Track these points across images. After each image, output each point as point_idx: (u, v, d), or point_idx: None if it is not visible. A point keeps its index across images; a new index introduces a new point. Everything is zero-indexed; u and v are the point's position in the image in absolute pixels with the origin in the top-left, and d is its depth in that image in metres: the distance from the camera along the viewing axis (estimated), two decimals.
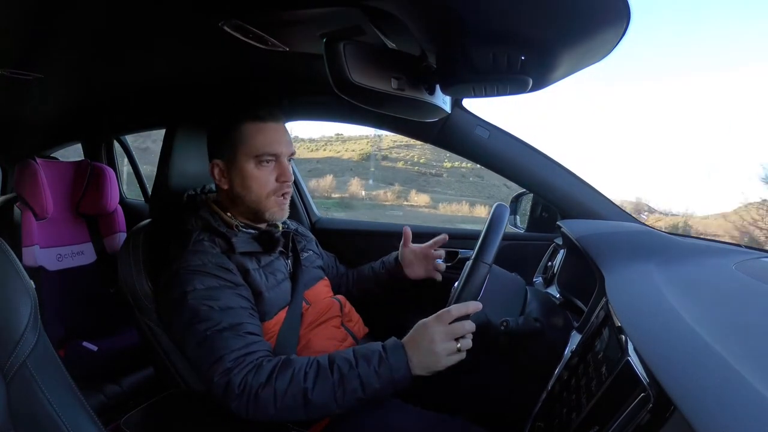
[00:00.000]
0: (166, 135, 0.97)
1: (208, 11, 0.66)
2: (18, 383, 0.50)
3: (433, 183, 2.76)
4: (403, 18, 0.58)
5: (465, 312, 0.70)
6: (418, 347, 0.70)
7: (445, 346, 0.69)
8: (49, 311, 1.50)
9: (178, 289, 0.75)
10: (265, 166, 0.83)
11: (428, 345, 0.69)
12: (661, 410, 0.35)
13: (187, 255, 0.78)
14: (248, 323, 0.75)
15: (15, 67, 0.91)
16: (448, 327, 0.69)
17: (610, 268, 0.70)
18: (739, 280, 0.66)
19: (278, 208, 0.86)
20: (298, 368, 0.70)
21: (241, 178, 0.83)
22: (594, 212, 1.09)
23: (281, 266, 0.89)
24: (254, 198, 0.84)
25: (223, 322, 0.72)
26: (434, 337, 0.69)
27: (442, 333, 0.69)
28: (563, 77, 0.62)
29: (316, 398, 0.68)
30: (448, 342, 0.69)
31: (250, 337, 0.74)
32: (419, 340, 0.70)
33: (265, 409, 0.68)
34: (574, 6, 0.47)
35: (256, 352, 0.72)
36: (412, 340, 0.71)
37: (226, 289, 0.76)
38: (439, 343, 0.69)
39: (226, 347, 0.70)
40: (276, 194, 0.85)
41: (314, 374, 0.69)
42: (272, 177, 0.84)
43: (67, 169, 1.73)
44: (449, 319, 0.70)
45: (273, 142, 0.83)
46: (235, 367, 0.69)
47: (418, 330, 0.71)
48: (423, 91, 0.67)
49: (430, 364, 0.69)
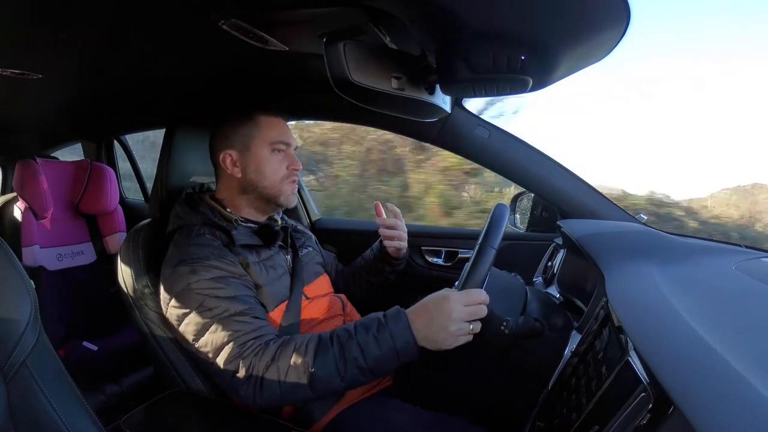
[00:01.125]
0: (166, 135, 0.97)
1: (208, 11, 0.66)
2: (18, 383, 0.50)
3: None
4: (404, 18, 0.58)
5: (486, 300, 0.68)
6: (431, 319, 0.67)
7: (461, 326, 0.66)
8: (49, 311, 1.50)
9: (183, 281, 0.75)
10: (278, 154, 0.88)
11: (444, 321, 0.65)
12: (661, 410, 0.35)
13: (189, 248, 0.79)
14: (254, 309, 0.76)
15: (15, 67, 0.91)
16: (470, 308, 0.66)
17: (610, 268, 0.70)
18: (739, 280, 0.66)
19: (291, 191, 0.91)
20: (299, 343, 0.70)
21: (256, 165, 0.87)
22: (594, 212, 1.09)
23: (281, 261, 0.89)
24: (268, 183, 0.88)
25: (230, 309, 0.73)
26: (453, 314, 0.65)
27: (464, 312, 0.66)
28: (563, 77, 0.62)
29: (319, 371, 0.67)
30: (464, 323, 0.66)
31: (257, 321, 0.74)
32: (434, 313, 0.67)
33: (271, 391, 0.68)
34: (574, 6, 0.47)
35: (263, 336, 0.73)
36: (425, 309, 0.68)
37: (230, 279, 0.77)
38: (455, 322, 0.65)
39: (234, 333, 0.71)
40: (288, 179, 0.89)
41: (314, 347, 0.69)
42: (284, 164, 0.89)
43: (67, 168, 1.73)
44: (475, 300, 0.67)
45: (284, 132, 0.90)
46: (243, 352, 0.70)
47: (436, 301, 0.68)
48: (423, 91, 0.67)
49: (439, 341, 0.66)
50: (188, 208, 0.87)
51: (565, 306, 0.89)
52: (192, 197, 0.90)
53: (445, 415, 0.80)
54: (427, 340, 0.67)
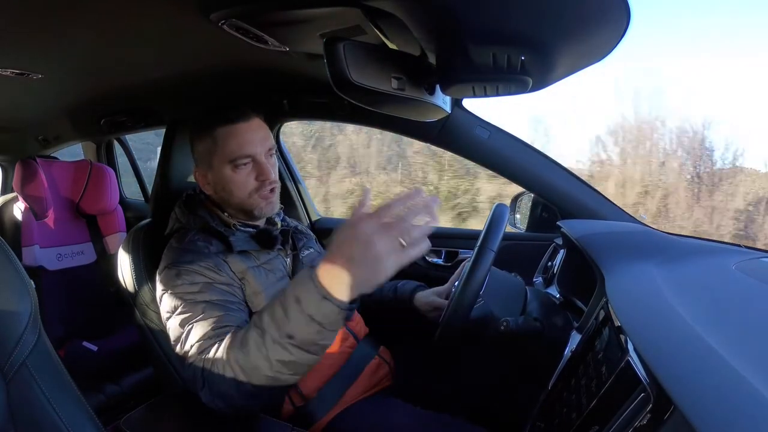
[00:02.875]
0: (166, 135, 0.97)
1: (208, 11, 0.66)
2: (18, 383, 0.50)
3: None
4: (403, 18, 0.58)
5: (395, 209, 0.56)
6: (351, 255, 0.55)
7: (387, 242, 0.54)
8: (49, 311, 1.50)
9: (167, 284, 0.75)
10: (243, 169, 0.81)
11: (363, 246, 0.54)
12: (661, 410, 0.35)
13: (180, 252, 0.78)
14: (229, 316, 0.72)
15: (15, 67, 0.91)
16: (384, 222, 0.55)
17: (610, 268, 0.70)
18: (739, 280, 0.66)
19: (265, 203, 0.84)
20: (230, 337, 0.66)
21: (221, 184, 0.82)
22: (594, 212, 1.09)
23: (280, 264, 0.89)
24: (237, 201, 0.83)
25: (204, 315, 0.70)
26: (371, 236, 0.54)
27: (377, 227, 0.54)
28: (563, 77, 0.62)
29: (245, 362, 0.62)
30: (388, 237, 0.54)
31: (223, 329, 0.69)
32: (348, 247, 0.55)
33: (225, 392, 0.64)
34: (574, 6, 0.47)
35: (219, 336, 0.67)
36: (336, 250, 0.57)
37: (213, 285, 0.75)
38: (378, 243, 0.54)
39: (200, 338, 0.68)
40: (259, 192, 0.83)
41: (241, 336, 0.63)
42: (251, 177, 0.82)
43: (67, 169, 1.73)
44: (386, 213, 0.56)
45: (245, 143, 0.80)
46: (198, 354, 0.66)
47: (344, 233, 0.56)
48: (423, 91, 0.67)
49: (374, 270, 0.55)
50: (187, 211, 0.86)
51: (565, 306, 0.89)
52: (192, 199, 0.90)
53: (445, 415, 0.80)
54: (362, 281, 0.56)
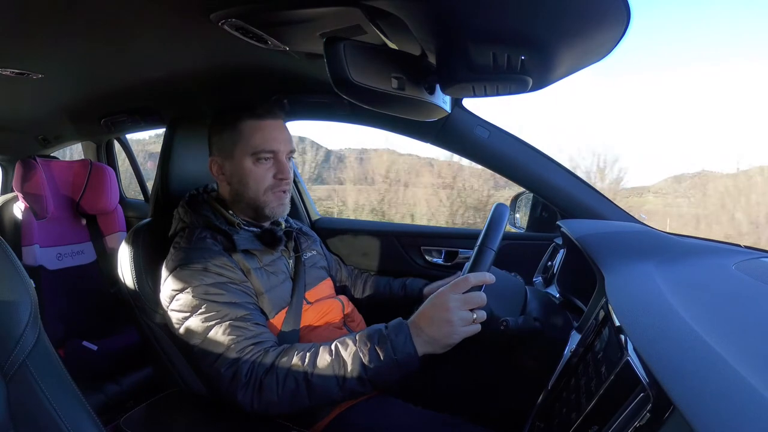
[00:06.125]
0: (166, 134, 0.97)
1: (208, 11, 0.66)
2: (18, 382, 0.50)
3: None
4: (403, 18, 0.58)
5: (482, 280, 0.68)
6: (431, 319, 0.67)
7: (462, 315, 0.66)
8: (49, 311, 1.51)
9: (182, 284, 0.75)
10: (263, 163, 0.83)
11: (443, 314, 0.66)
12: (661, 410, 0.35)
13: (190, 252, 0.78)
14: (254, 315, 0.76)
15: (15, 67, 0.91)
16: (464, 295, 0.67)
17: (610, 268, 0.70)
18: (739, 280, 0.66)
19: (277, 203, 0.86)
20: (299, 351, 0.70)
21: (239, 175, 0.84)
22: (594, 212, 1.09)
23: (283, 266, 0.89)
24: (252, 194, 0.84)
25: (230, 314, 0.73)
26: (449, 304, 0.66)
27: (459, 301, 0.66)
28: (563, 77, 0.62)
29: (317, 381, 0.67)
30: (464, 311, 0.66)
31: (257, 327, 0.74)
32: (432, 312, 0.67)
33: (269, 397, 0.68)
34: (574, 6, 0.47)
35: (263, 342, 0.73)
36: (423, 314, 0.69)
37: (229, 285, 0.76)
38: (455, 311, 0.66)
39: (234, 338, 0.71)
40: (273, 189, 0.85)
41: (314, 356, 0.69)
42: (270, 174, 0.84)
43: (67, 168, 1.73)
44: (466, 286, 0.67)
45: (270, 139, 0.83)
46: (243, 357, 0.70)
47: (432, 301, 0.69)
48: (423, 91, 0.67)
49: (445, 336, 0.66)
50: (191, 210, 0.86)
51: (565, 306, 0.89)
52: (195, 198, 0.90)
53: (445, 415, 0.80)
54: (435, 342, 0.67)
